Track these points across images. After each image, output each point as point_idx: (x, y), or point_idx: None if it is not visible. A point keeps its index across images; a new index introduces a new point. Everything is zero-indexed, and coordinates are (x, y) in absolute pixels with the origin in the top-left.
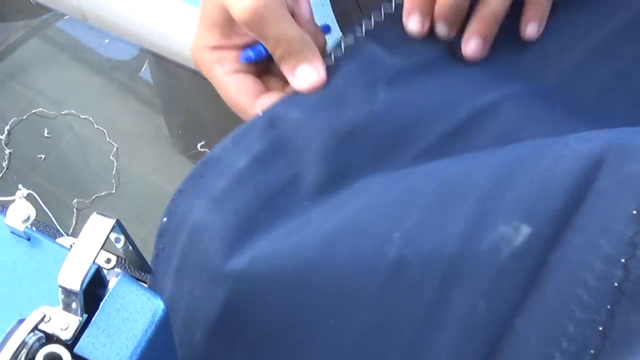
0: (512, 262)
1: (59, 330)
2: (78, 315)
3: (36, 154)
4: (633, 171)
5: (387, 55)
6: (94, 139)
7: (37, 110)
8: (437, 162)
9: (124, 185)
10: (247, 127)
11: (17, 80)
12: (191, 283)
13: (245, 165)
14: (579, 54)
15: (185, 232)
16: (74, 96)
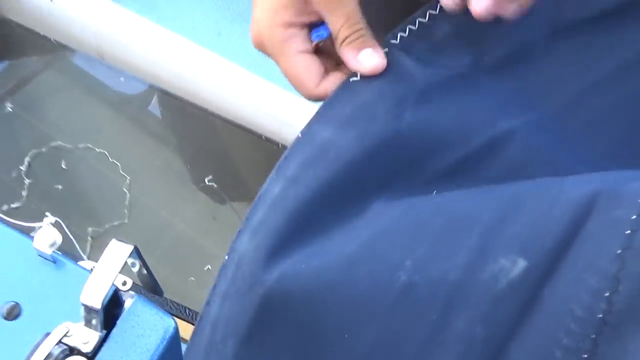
0: (509, 291)
1: (81, 343)
2: (98, 331)
3: (54, 184)
4: (619, 215)
5: (417, 68)
6: (108, 171)
7: (56, 143)
8: (447, 195)
9: (136, 216)
10: (288, 155)
11: (35, 113)
12: (230, 302)
13: (279, 191)
14: (586, 83)
15: (234, 263)
16: (89, 130)
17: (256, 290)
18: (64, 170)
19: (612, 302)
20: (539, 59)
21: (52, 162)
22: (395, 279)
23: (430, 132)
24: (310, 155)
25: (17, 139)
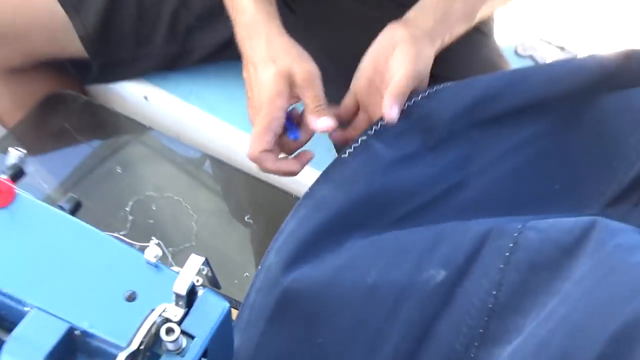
0: (435, 290)
1: (173, 316)
2: (183, 309)
3: (147, 220)
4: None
5: (384, 149)
6: (182, 212)
7: (149, 193)
8: (399, 231)
9: (200, 241)
10: (299, 204)
11: (133, 172)
12: (261, 295)
13: (292, 227)
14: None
15: (264, 270)
16: (169, 183)
17: (277, 288)
18: (154, 211)
19: (497, 298)
20: (462, 142)
21: (146, 206)
22: (365, 281)
23: (392, 191)
24: (312, 206)
25: (123, 190)
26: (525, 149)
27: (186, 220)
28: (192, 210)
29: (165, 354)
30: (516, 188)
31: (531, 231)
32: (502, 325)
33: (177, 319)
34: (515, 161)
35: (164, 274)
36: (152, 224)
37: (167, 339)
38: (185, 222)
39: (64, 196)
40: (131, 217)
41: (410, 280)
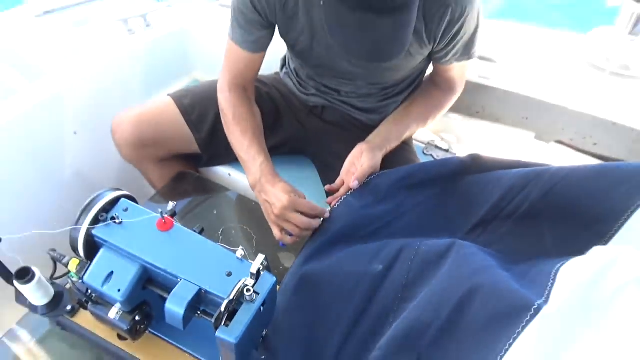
0: (378, 275)
1: (249, 284)
2: (254, 280)
3: (230, 237)
4: (409, 252)
5: (355, 201)
6: (246, 233)
7: (225, 226)
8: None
9: (258, 249)
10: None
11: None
12: (289, 277)
13: (309, 242)
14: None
15: (293, 264)
16: (239, 218)
17: (297, 274)
18: (233, 233)
19: (407, 279)
20: (395, 197)
21: (228, 229)
22: (344, 270)
23: (360, 223)
24: (318, 232)
25: (217, 222)
26: (425, 202)
27: (249, 236)
28: (252, 233)
29: (245, 302)
30: (420, 222)
31: (424, 245)
32: (410, 293)
33: (251, 285)
34: (420, 208)
35: (245, 264)
36: (232, 241)
37: (246, 294)
38: (249, 237)
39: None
40: (221, 236)
41: (365, 270)
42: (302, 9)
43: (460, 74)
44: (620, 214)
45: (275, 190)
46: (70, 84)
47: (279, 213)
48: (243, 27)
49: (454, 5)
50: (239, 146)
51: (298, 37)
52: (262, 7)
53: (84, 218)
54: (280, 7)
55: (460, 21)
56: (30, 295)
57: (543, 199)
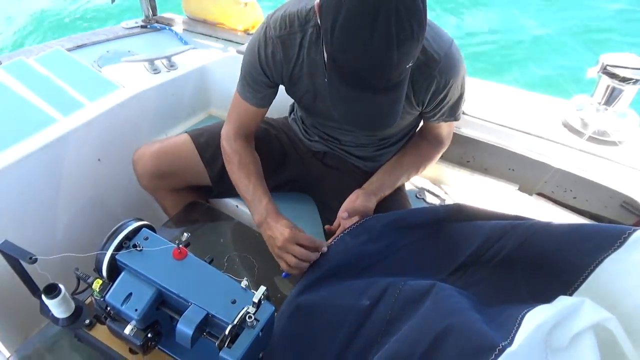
0: (364, 309)
1: (251, 311)
2: (255, 308)
3: (233, 265)
4: (394, 290)
5: (350, 240)
6: (249, 261)
7: (232, 254)
8: (354, 280)
9: (259, 277)
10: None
11: (227, 240)
12: (285, 305)
13: (306, 275)
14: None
15: (290, 294)
16: (243, 247)
17: (293, 303)
18: (236, 261)
19: (391, 315)
20: (387, 237)
21: (233, 257)
22: (335, 303)
23: (353, 260)
24: (314, 266)
25: (224, 250)
26: (413, 244)
27: (252, 264)
28: (255, 262)
29: (246, 327)
30: (408, 262)
31: (407, 285)
32: (393, 327)
33: (253, 312)
34: (408, 249)
35: (248, 293)
36: (236, 268)
37: (248, 320)
38: (251, 265)
39: (202, 251)
40: (226, 264)
41: (354, 304)
42: (306, 74)
43: (447, 131)
44: (584, 268)
45: (279, 225)
46: (99, 115)
47: (281, 245)
48: (251, 85)
49: (439, 77)
50: (244, 188)
51: (302, 96)
52: (270, 71)
53: (110, 244)
54: (286, 72)
55: (444, 91)
56: (54, 308)
57: (517, 250)
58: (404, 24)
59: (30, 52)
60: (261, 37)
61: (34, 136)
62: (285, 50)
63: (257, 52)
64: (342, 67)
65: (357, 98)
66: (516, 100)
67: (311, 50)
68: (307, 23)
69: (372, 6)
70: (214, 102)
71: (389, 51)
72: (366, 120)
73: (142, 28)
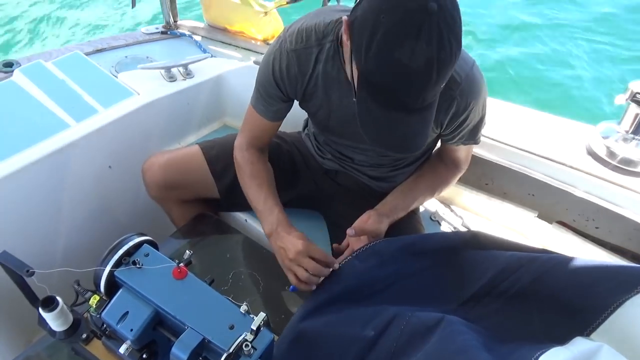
0: (369, 340)
1: (249, 338)
2: (254, 335)
3: (239, 282)
4: (400, 322)
5: (359, 264)
6: (254, 279)
7: (236, 270)
8: (359, 308)
9: (264, 295)
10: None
11: (233, 255)
12: (287, 331)
13: (308, 301)
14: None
15: (291, 320)
16: (249, 264)
17: (295, 329)
18: (242, 278)
19: (396, 347)
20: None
21: (238, 274)
22: (337, 331)
23: (361, 285)
24: (318, 290)
25: (229, 265)
26: (423, 271)
27: (257, 281)
28: (260, 279)
29: (243, 356)
30: (417, 290)
31: (414, 317)
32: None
33: (250, 340)
34: (418, 276)
35: (247, 318)
36: (241, 285)
37: (245, 349)
38: (257, 282)
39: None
40: (231, 280)
41: (358, 334)
42: (320, 88)
43: (465, 155)
44: (603, 309)
45: (291, 237)
46: (111, 121)
47: (293, 257)
48: (265, 98)
49: (459, 99)
50: (255, 198)
51: (316, 112)
52: (284, 85)
53: (109, 260)
54: (301, 87)
55: (464, 113)
56: (51, 321)
57: (533, 284)
58: (444, 42)
59: (50, 55)
60: (276, 51)
61: (44, 141)
62: (300, 65)
63: (272, 66)
64: (376, 86)
65: (390, 118)
66: (539, 124)
67: (327, 65)
68: (324, 37)
69: (414, 24)
70: (229, 111)
71: (430, 71)
72: (397, 142)
73: (161, 34)
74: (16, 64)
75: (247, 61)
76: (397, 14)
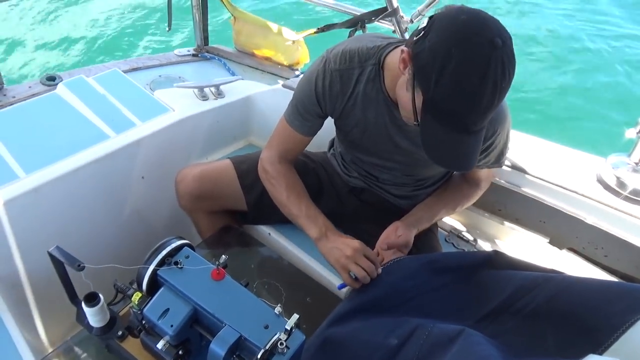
0: (392, 348)
1: (283, 338)
2: (287, 335)
3: (264, 291)
4: (422, 332)
5: (385, 275)
6: (277, 289)
7: (263, 279)
8: (384, 318)
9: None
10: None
11: (260, 266)
12: (314, 337)
13: (338, 308)
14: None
15: (320, 327)
16: (271, 274)
17: (322, 335)
18: (266, 287)
19: (418, 357)
20: (420, 277)
21: (262, 284)
22: (363, 339)
23: (386, 296)
24: (350, 299)
25: (255, 274)
26: (444, 287)
27: (279, 292)
28: (283, 290)
29: (277, 354)
30: (437, 304)
31: (435, 328)
32: None
33: (284, 339)
34: (439, 292)
35: (281, 319)
36: (264, 295)
37: (279, 347)
38: (279, 294)
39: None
40: (255, 290)
41: (381, 342)
42: (359, 106)
43: (487, 175)
44: (616, 327)
45: (344, 239)
46: (148, 135)
47: (351, 254)
48: (302, 114)
49: (488, 126)
50: (296, 208)
51: (351, 129)
52: (324, 102)
53: (153, 259)
54: (340, 104)
55: (491, 139)
56: (91, 317)
57: (548, 303)
58: (505, 72)
59: (90, 71)
60: (320, 69)
61: (87, 150)
62: (342, 83)
63: (315, 83)
64: (444, 111)
65: (454, 139)
66: (551, 153)
67: (367, 86)
68: (366, 60)
69: (484, 58)
70: (255, 131)
71: (494, 98)
72: (457, 161)
73: (193, 56)
74: (58, 78)
75: (274, 85)
76: (467, 48)
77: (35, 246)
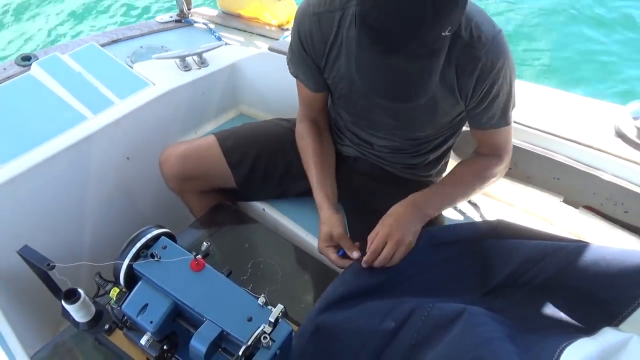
0: (390, 331)
1: (267, 330)
2: (272, 327)
3: (257, 271)
4: (421, 313)
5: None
6: (273, 269)
7: (258, 258)
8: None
9: (283, 285)
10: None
11: (252, 245)
12: (306, 323)
13: (327, 292)
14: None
15: (310, 313)
16: (267, 253)
17: (314, 322)
18: (261, 267)
19: (416, 339)
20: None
21: (257, 263)
22: (358, 324)
23: (387, 274)
24: (338, 283)
25: (247, 255)
26: (446, 262)
27: (275, 271)
28: (279, 268)
29: (262, 347)
30: (439, 280)
31: (435, 308)
32: (417, 353)
33: (268, 332)
34: (441, 267)
35: (265, 310)
36: (259, 274)
37: (263, 341)
38: (275, 272)
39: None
40: (250, 269)
41: (376, 328)
42: (344, 56)
43: (504, 139)
44: (633, 299)
45: (326, 222)
46: (128, 113)
47: (320, 245)
48: (301, 66)
49: (485, 59)
50: (309, 175)
51: (339, 83)
52: (309, 49)
53: (127, 253)
54: (323, 52)
55: (490, 75)
56: (74, 313)
57: (557, 275)
58: None
59: (66, 48)
60: (299, 13)
61: (62, 134)
62: (322, 29)
63: (297, 30)
64: (371, 26)
65: (386, 63)
66: (564, 105)
67: (351, 30)
68: (349, 1)
69: None
70: (245, 100)
71: (423, 8)
72: (392, 89)
73: (176, 22)
74: (34, 58)
75: (261, 48)
76: None
77: (17, 240)
